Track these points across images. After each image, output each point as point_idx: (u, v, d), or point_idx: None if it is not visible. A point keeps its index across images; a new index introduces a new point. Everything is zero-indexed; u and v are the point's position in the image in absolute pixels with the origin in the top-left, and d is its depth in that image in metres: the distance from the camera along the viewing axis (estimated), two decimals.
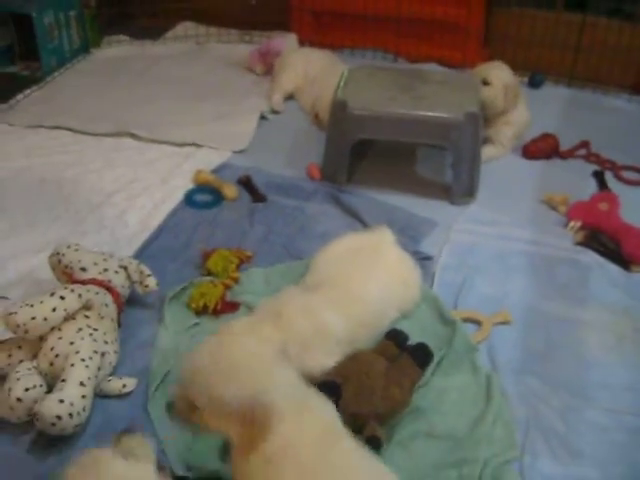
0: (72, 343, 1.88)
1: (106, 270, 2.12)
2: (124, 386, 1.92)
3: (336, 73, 2.98)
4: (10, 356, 1.91)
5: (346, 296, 2.01)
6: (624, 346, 2.11)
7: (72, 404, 1.74)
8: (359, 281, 2.06)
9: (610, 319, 2.20)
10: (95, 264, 2.12)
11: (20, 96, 3.55)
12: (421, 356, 1.92)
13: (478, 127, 2.64)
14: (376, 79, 2.84)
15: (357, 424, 1.72)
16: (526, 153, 3.01)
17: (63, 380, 1.80)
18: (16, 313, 1.86)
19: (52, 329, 1.91)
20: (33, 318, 1.86)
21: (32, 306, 1.88)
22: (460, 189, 2.70)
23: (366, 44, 3.88)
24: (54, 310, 1.89)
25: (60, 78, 3.78)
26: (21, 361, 1.89)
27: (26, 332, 1.87)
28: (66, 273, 2.10)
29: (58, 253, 2.14)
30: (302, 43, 3.82)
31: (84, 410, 1.77)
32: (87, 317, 1.96)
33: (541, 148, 3.00)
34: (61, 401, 1.73)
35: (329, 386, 1.77)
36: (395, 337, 1.98)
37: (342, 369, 1.86)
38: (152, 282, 2.16)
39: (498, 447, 1.75)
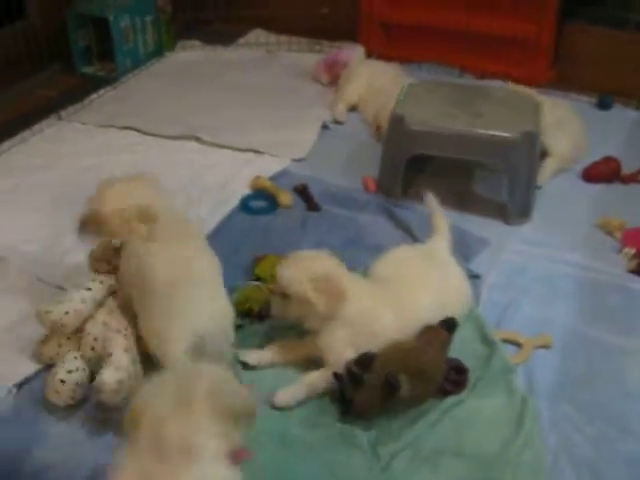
0: (105, 324, 1.99)
1: None
2: None
3: (400, 86, 3.00)
4: (60, 346, 2.01)
5: (401, 302, 2.05)
6: None
7: (126, 368, 1.85)
8: (414, 290, 2.08)
9: None
10: None
11: (94, 96, 3.68)
12: (447, 323, 2.00)
13: (535, 147, 2.61)
14: (436, 94, 2.85)
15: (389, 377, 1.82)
16: (586, 176, 2.97)
17: (109, 354, 1.90)
18: (51, 311, 1.97)
19: (86, 318, 2.02)
20: (67, 313, 1.98)
21: (62, 302, 2.00)
22: (515, 209, 2.69)
23: (433, 58, 3.88)
24: (83, 302, 2.01)
25: (134, 79, 3.90)
26: (69, 351, 2.00)
27: (62, 326, 1.98)
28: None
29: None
30: (370, 55, 3.84)
31: (136, 375, 1.88)
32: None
33: (602, 171, 2.95)
34: (117, 368, 1.85)
35: (365, 354, 1.89)
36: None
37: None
38: None
39: (525, 471, 1.75)
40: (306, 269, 1.96)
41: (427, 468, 1.77)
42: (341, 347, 1.96)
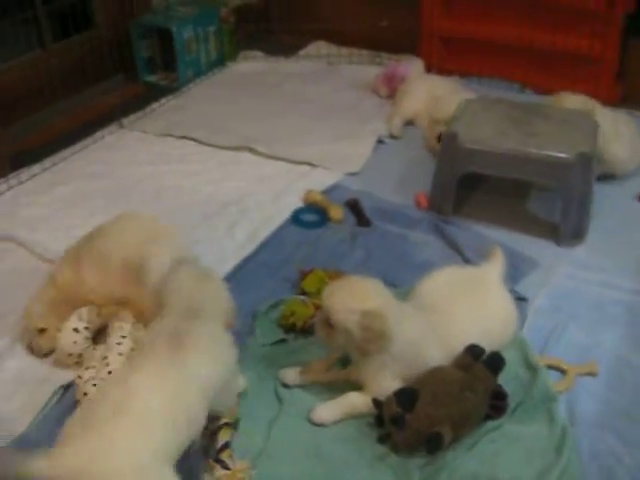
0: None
1: None
2: None
3: (457, 101, 2.99)
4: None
5: (447, 329, 2.01)
6: None
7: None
8: (460, 316, 2.05)
9: None
10: None
11: (156, 105, 3.76)
12: (493, 363, 1.95)
13: (590, 168, 2.56)
14: (492, 112, 2.81)
15: (432, 427, 1.79)
16: None
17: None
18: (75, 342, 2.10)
19: None
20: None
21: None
22: (568, 231, 2.64)
23: (494, 73, 3.84)
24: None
25: (195, 89, 3.97)
26: None
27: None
28: None
29: None
30: (430, 68, 3.83)
31: None
32: None
33: None
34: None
35: (407, 392, 1.85)
36: (471, 350, 1.97)
37: (419, 378, 1.91)
38: None
39: None
40: (355, 300, 1.88)
41: None
42: (385, 379, 1.93)
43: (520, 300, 2.35)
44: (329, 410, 1.94)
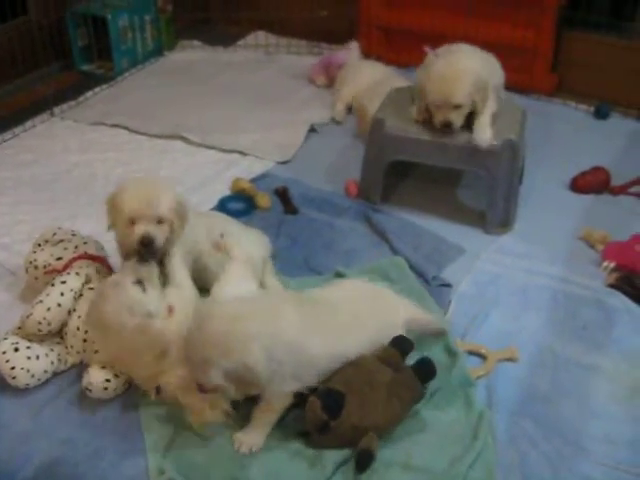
0: None
1: (77, 247, 2.23)
2: None
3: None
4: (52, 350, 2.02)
5: (337, 339, 1.89)
6: (636, 399, 2.00)
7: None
8: (348, 333, 1.92)
9: (627, 369, 2.09)
10: (65, 249, 2.22)
11: (90, 94, 3.69)
12: (424, 371, 1.89)
13: (516, 155, 2.56)
14: None
15: (357, 435, 1.76)
16: (574, 186, 2.90)
17: (96, 351, 1.95)
18: (32, 313, 1.98)
19: (69, 312, 2.02)
20: (48, 309, 1.98)
21: (42, 301, 2.00)
22: (495, 218, 2.63)
23: None
24: (62, 295, 2.02)
25: (130, 78, 3.91)
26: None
27: (49, 324, 1.99)
28: (47, 272, 2.17)
29: (30, 262, 2.22)
30: (370, 58, 3.81)
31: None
32: (92, 289, 2.06)
33: (590, 182, 2.88)
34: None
35: (334, 395, 1.78)
36: (400, 344, 1.92)
37: (345, 376, 1.84)
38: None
39: None
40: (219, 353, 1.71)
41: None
42: (281, 389, 1.81)
43: (444, 286, 2.36)
44: (257, 437, 1.82)
